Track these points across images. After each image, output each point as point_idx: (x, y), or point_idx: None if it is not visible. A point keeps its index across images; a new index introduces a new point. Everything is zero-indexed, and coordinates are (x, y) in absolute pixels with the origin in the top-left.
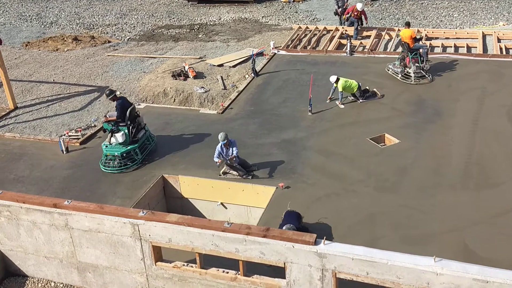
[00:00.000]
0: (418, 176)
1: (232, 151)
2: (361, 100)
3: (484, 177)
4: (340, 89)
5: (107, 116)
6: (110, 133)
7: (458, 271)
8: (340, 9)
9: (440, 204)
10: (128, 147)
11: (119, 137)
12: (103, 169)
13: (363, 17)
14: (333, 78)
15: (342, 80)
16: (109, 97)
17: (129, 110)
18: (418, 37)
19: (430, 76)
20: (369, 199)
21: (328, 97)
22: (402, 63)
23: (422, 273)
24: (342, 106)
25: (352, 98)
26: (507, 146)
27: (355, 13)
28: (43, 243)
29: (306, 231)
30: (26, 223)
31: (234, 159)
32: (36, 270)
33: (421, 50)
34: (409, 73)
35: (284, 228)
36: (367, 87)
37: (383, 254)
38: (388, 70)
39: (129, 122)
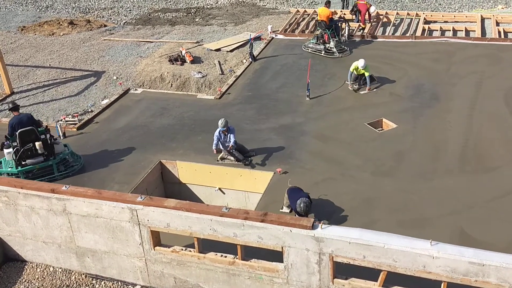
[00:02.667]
0: (415, 161)
1: (230, 139)
2: (371, 87)
3: (481, 161)
4: (364, 72)
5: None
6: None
7: (454, 255)
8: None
9: (436, 188)
10: (14, 169)
11: (6, 154)
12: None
13: (367, 15)
14: (361, 62)
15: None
16: (10, 110)
17: (20, 131)
18: (335, 18)
19: (348, 49)
20: (367, 183)
21: (350, 85)
22: (321, 40)
23: (418, 256)
24: (356, 87)
25: (354, 83)
26: (504, 130)
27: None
28: (41, 228)
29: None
30: (24, 209)
31: (232, 147)
32: (35, 255)
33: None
34: (331, 48)
35: (298, 202)
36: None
37: (379, 237)
38: (308, 49)
39: (15, 144)
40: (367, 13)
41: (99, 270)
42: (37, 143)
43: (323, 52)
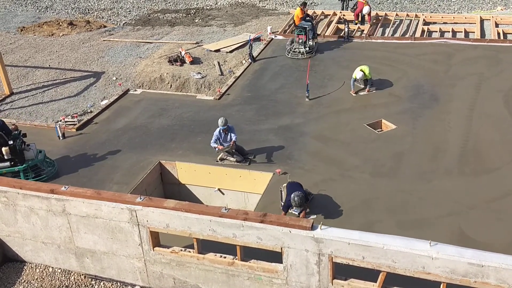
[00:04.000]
0: (414, 162)
1: (231, 136)
2: (371, 88)
3: (480, 163)
4: (369, 76)
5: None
6: None
7: (453, 255)
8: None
9: (436, 189)
10: None
11: None
12: None
13: (366, 17)
14: (359, 74)
15: (366, 68)
16: None
17: None
18: (307, 18)
19: (314, 53)
20: (366, 184)
21: (353, 91)
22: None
23: (417, 257)
24: (355, 95)
25: (362, 86)
26: (503, 131)
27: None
28: (40, 229)
29: (310, 195)
30: (23, 209)
31: (233, 144)
32: (34, 256)
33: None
34: (294, 49)
35: (292, 195)
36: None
37: (378, 238)
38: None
39: None
40: (360, 12)
41: (98, 271)
42: (3, 148)
43: (289, 54)
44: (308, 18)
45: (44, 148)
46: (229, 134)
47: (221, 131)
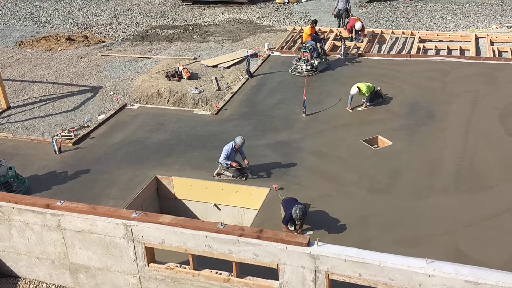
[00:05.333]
0: (411, 178)
1: (240, 154)
2: (368, 104)
3: (476, 180)
4: (367, 94)
5: None
6: None
7: (450, 273)
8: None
9: (432, 206)
10: None
11: None
12: None
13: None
14: (354, 90)
15: (362, 85)
16: None
17: None
18: (318, 35)
19: (316, 72)
20: (362, 200)
21: (349, 107)
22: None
23: (414, 274)
24: (351, 111)
25: (362, 100)
26: (499, 149)
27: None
28: (35, 244)
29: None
30: (18, 224)
31: (247, 163)
32: (28, 271)
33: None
34: (296, 66)
35: (294, 209)
36: (379, 88)
37: (375, 255)
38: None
39: None
40: (354, 28)
41: (93, 287)
42: None
43: (290, 70)
44: (316, 36)
45: (41, 163)
46: (238, 152)
47: (234, 148)
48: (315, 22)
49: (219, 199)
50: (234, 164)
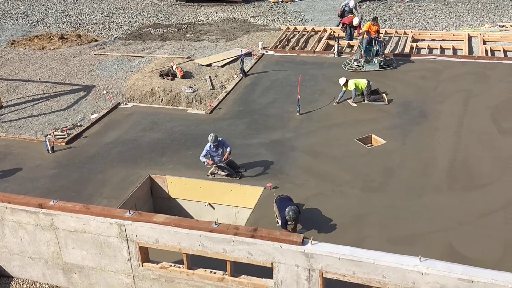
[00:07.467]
0: (404, 177)
1: (223, 149)
2: (367, 101)
3: (469, 178)
4: (352, 88)
5: None
6: None
7: (443, 271)
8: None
9: (426, 205)
10: None
11: None
12: None
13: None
14: (342, 81)
15: (351, 80)
16: None
17: None
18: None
19: (377, 64)
20: (356, 199)
21: (337, 101)
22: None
23: (407, 272)
24: (355, 105)
25: (360, 96)
26: (492, 147)
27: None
28: (28, 244)
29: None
30: (11, 223)
31: (228, 155)
32: (21, 271)
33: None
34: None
35: (287, 210)
36: (377, 88)
37: (369, 254)
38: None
39: None
40: (350, 24)
41: (86, 287)
42: None
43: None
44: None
45: (33, 162)
46: (221, 148)
47: (212, 146)
48: (375, 19)
49: (213, 198)
50: (210, 162)
